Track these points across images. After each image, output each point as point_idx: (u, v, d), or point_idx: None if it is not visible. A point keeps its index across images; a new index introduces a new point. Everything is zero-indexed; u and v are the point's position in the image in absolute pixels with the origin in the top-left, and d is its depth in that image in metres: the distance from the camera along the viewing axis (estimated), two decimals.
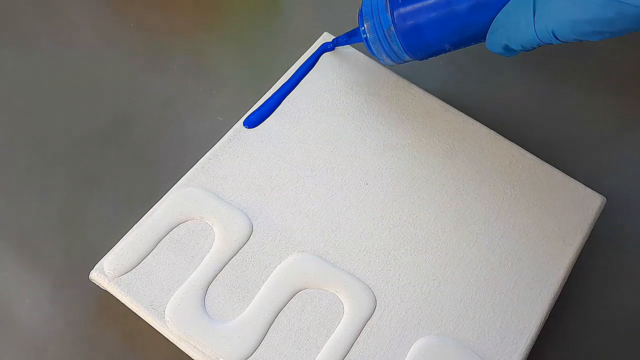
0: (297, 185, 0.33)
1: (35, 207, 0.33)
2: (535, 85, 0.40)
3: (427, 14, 0.31)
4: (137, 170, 0.35)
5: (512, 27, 0.28)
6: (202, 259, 0.30)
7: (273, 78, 0.36)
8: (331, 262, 0.31)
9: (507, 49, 0.30)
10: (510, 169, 0.34)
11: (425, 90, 0.37)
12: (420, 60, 0.33)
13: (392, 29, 0.32)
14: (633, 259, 0.34)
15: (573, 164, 0.36)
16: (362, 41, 0.34)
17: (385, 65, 0.35)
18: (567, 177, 0.34)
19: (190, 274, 0.29)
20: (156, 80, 0.38)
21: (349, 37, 0.36)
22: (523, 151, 0.35)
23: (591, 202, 0.33)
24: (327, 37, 0.38)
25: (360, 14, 0.34)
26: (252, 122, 0.35)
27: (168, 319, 0.28)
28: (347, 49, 0.37)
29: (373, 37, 0.33)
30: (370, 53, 0.34)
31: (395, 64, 0.34)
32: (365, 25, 0.33)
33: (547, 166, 0.34)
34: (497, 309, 0.30)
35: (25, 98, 0.37)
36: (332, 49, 0.37)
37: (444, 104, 0.36)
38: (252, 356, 0.28)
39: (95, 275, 0.29)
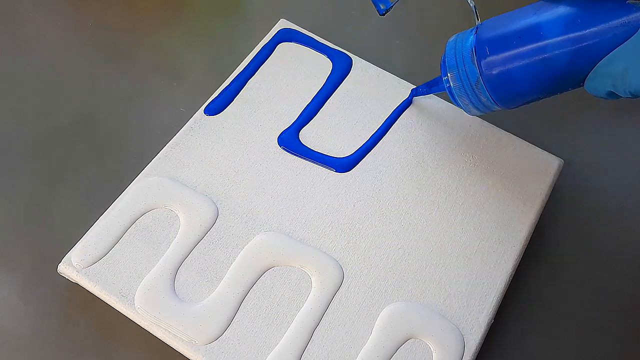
0: (260, 168, 0.33)
1: (2, 205, 0.33)
2: None
3: (519, 63, 0.28)
4: (102, 164, 0.35)
5: (620, 76, 0.26)
6: (169, 245, 0.30)
7: (233, 66, 0.37)
8: (298, 239, 0.31)
9: (612, 94, 0.27)
10: (469, 139, 0.35)
11: (385, 68, 0.37)
12: (511, 109, 0.31)
13: (481, 80, 0.29)
14: (592, 217, 0.35)
15: (529, 130, 0.37)
16: (445, 90, 0.32)
17: (470, 115, 0.32)
18: (524, 142, 0.35)
19: (158, 260, 0.30)
20: (117, 76, 0.38)
21: (429, 87, 0.34)
22: (480, 120, 0.36)
23: (549, 165, 0.34)
24: (283, 24, 0.38)
25: (443, 63, 0.31)
26: (213, 109, 0.35)
27: (138, 305, 0.29)
28: (305, 32, 0.38)
29: (458, 88, 0.31)
30: (454, 104, 0.32)
31: (482, 114, 0.32)
32: (448, 76, 0.31)
33: (504, 133, 0.35)
34: (462, 272, 0.31)
35: None
36: (410, 100, 0.35)
37: (401, 80, 0.37)
38: (223, 335, 0.28)
39: (63, 268, 0.29)
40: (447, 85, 0.31)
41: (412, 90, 0.36)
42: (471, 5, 0.31)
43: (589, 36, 0.27)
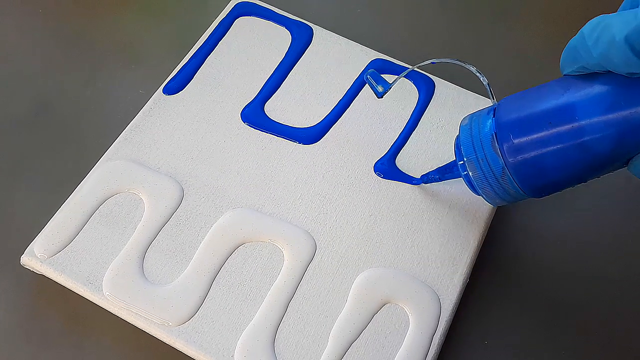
0: (224, 145, 0.33)
1: None
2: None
3: (551, 150, 0.24)
4: (62, 152, 0.34)
5: None
6: (135, 229, 0.29)
7: (192, 44, 0.36)
8: (267, 214, 0.31)
9: None
10: (435, 102, 0.35)
11: (347, 37, 0.37)
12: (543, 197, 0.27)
13: (507, 171, 0.25)
14: None
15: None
16: (461, 177, 0.28)
17: (494, 206, 0.29)
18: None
19: (124, 245, 0.29)
20: (73, 61, 0.37)
21: (442, 174, 0.30)
22: (447, 83, 0.35)
23: None
24: None
25: (457, 148, 0.27)
26: (173, 88, 0.34)
27: (106, 291, 0.28)
28: (263, 5, 0.37)
29: (479, 178, 0.27)
30: (474, 192, 0.28)
31: (507, 204, 0.28)
32: (465, 162, 0.27)
33: (472, 95, 0.35)
34: (434, 234, 0.31)
35: None
36: (419, 183, 0.32)
37: (364, 47, 0.36)
38: (196, 314, 0.28)
39: (27, 260, 0.29)
40: (465, 173, 0.27)
41: (421, 176, 0.31)
42: (484, 83, 0.27)
43: (635, 117, 0.23)
